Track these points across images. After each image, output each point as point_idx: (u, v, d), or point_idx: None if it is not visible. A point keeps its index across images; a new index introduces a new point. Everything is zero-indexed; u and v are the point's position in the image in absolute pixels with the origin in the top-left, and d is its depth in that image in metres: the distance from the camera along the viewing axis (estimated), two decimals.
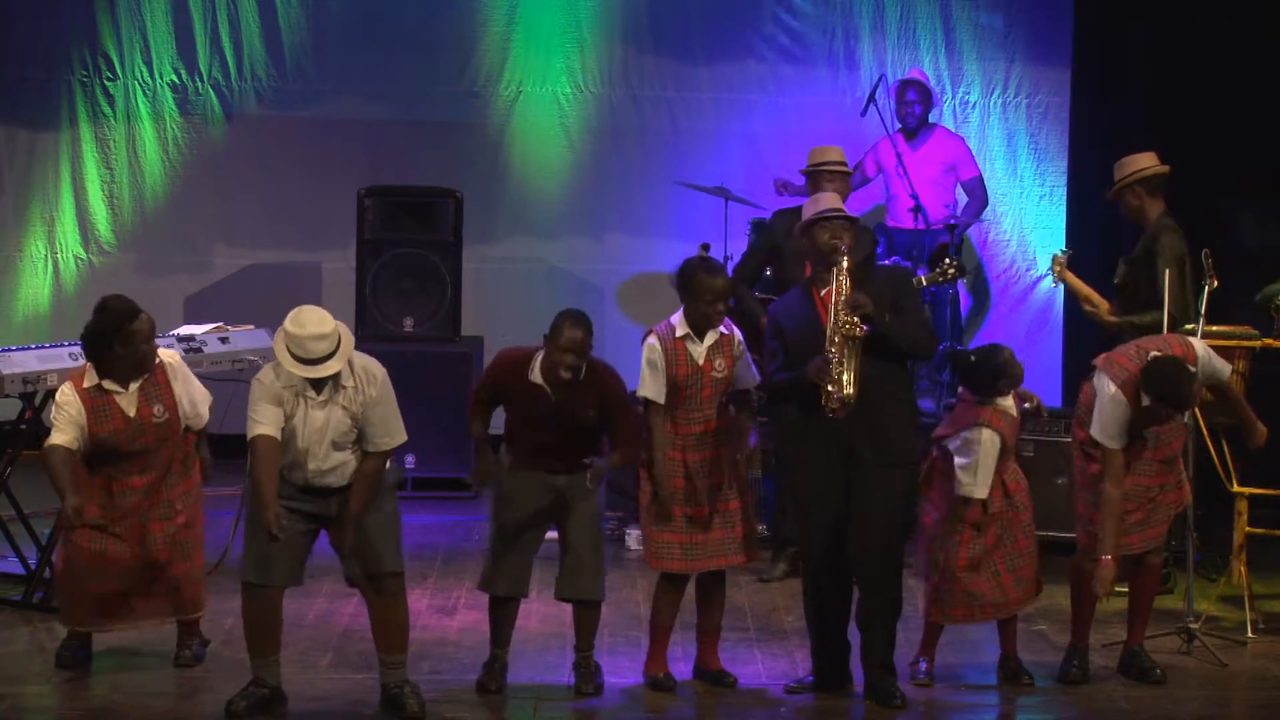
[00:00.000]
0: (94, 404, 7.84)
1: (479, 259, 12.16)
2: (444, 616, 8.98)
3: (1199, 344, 8.06)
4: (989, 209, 12.04)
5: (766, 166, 12.02)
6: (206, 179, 12.39)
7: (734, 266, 10.35)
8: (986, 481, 7.92)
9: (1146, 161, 9.27)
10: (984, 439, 7.92)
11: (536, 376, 7.71)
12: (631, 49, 12.38)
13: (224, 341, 9.52)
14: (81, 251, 12.39)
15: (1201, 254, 8.69)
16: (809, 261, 7.97)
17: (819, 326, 7.62)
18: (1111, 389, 7.89)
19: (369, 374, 7.49)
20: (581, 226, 12.49)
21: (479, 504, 10.91)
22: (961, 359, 8.37)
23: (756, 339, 8.45)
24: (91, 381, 7.86)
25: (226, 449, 8.43)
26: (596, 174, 12.43)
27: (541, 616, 8.64)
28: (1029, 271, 12.38)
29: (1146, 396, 7.82)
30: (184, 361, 8.16)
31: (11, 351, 8.91)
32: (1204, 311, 8.58)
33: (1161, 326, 8.63)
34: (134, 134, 12.34)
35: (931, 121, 11.99)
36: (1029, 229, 12.39)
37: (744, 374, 7.98)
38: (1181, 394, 7.80)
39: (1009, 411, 8.02)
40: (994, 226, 12.35)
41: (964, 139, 12.06)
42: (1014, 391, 8.06)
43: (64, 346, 8.92)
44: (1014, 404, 8.07)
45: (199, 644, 8.19)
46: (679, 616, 8.15)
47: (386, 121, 12.36)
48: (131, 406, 7.89)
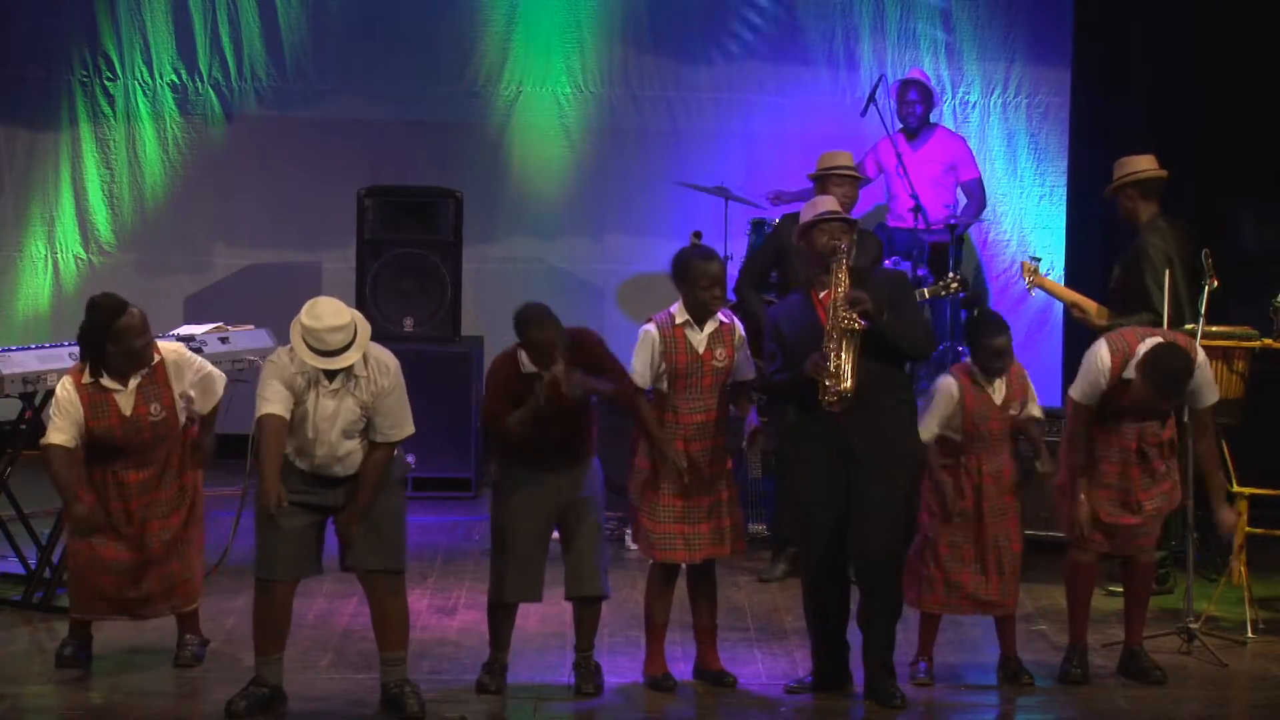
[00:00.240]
0: (91, 400, 7.84)
1: (479, 259, 12.17)
2: (444, 616, 8.97)
3: (1204, 360, 8.08)
4: (989, 209, 12.04)
5: (766, 166, 12.02)
6: (206, 179, 12.39)
7: (739, 268, 10.34)
8: (930, 426, 7.96)
9: (1144, 164, 9.27)
10: (942, 384, 8.02)
11: (528, 367, 7.73)
12: (631, 49, 12.38)
13: (224, 341, 9.51)
14: (81, 251, 12.38)
15: (1202, 254, 8.69)
16: (808, 264, 7.98)
17: (818, 329, 7.62)
18: (1104, 352, 7.98)
19: (382, 365, 7.51)
20: (581, 226, 12.49)
21: (479, 504, 10.91)
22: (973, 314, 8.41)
23: (761, 340, 8.44)
24: (90, 378, 7.87)
25: (227, 449, 8.41)
26: (596, 174, 12.43)
27: (541, 616, 8.64)
28: None
29: (1139, 373, 7.83)
30: (182, 351, 8.09)
31: (11, 351, 8.91)
32: (1204, 311, 8.59)
33: (1153, 327, 8.70)
34: (134, 134, 12.34)
35: (932, 121, 11.99)
36: (1029, 229, 12.38)
37: (743, 365, 7.99)
38: (1171, 382, 7.82)
39: (988, 392, 7.99)
40: (994, 226, 12.35)
41: (965, 139, 12.06)
42: (1039, 460, 8.05)
43: (64, 346, 8.92)
44: (1003, 395, 8.02)
45: (199, 644, 8.19)
46: (678, 617, 8.15)
47: (386, 121, 12.36)
48: (128, 405, 7.88)
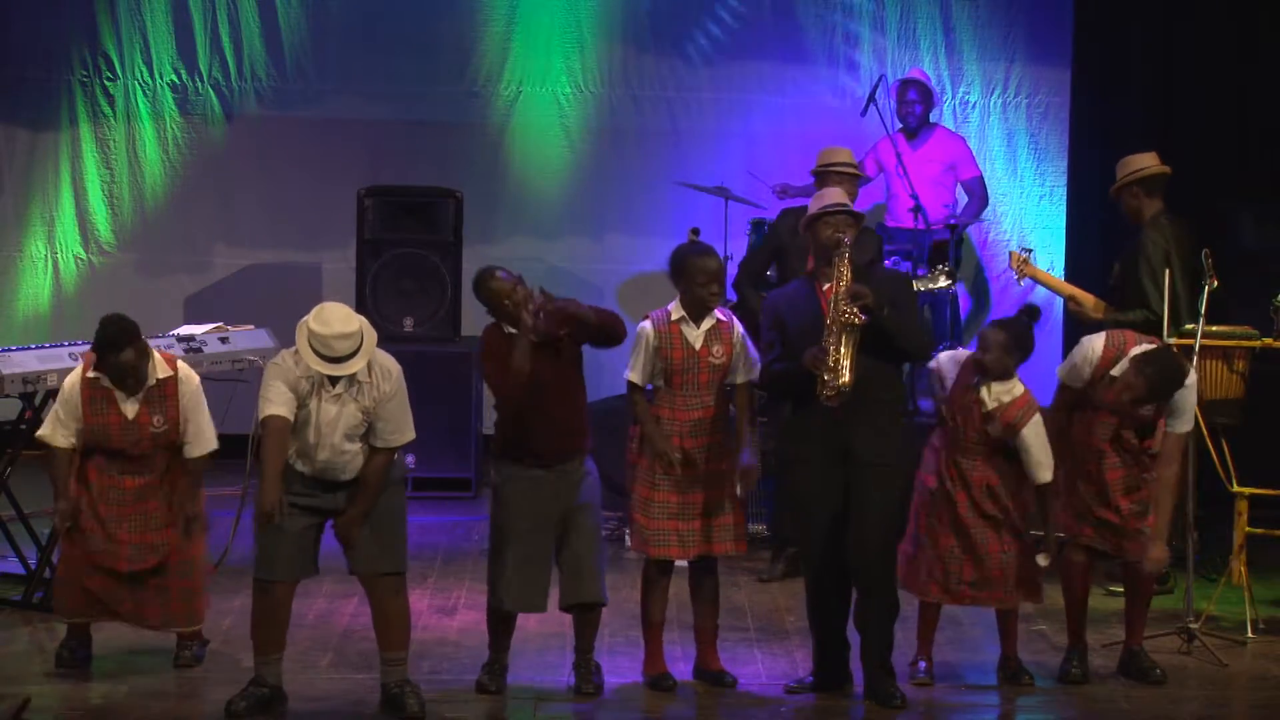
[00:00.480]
0: (93, 394, 7.88)
1: (479, 259, 12.09)
2: (444, 616, 8.97)
3: (1193, 382, 8.03)
4: (989, 209, 12.04)
5: (766, 166, 12.01)
6: (206, 179, 12.39)
7: (738, 265, 10.34)
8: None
9: (1146, 161, 9.28)
10: (941, 355, 8.12)
11: (511, 330, 7.73)
12: (631, 49, 12.37)
13: (224, 341, 9.51)
14: (81, 251, 12.38)
15: (1202, 254, 8.69)
16: (812, 256, 7.97)
17: (821, 322, 7.61)
18: (1099, 343, 8.02)
19: (385, 370, 7.53)
20: (581, 226, 12.49)
21: (479, 504, 10.90)
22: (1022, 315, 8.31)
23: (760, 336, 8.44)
24: (96, 373, 7.90)
25: (226, 450, 8.40)
26: (596, 174, 12.43)
27: (541, 617, 8.58)
28: None
29: (1135, 366, 7.83)
30: (199, 389, 8.07)
31: (11, 351, 8.91)
32: (1204, 311, 8.59)
33: (1148, 324, 8.77)
34: (134, 134, 12.34)
35: (932, 121, 11.98)
36: (1029, 229, 12.38)
37: (745, 364, 7.97)
38: (1163, 380, 7.82)
39: (977, 392, 7.97)
40: (994, 226, 12.35)
41: (964, 139, 12.06)
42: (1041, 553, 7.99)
43: (64, 346, 8.92)
44: (991, 406, 7.99)
45: (199, 644, 8.18)
46: (678, 617, 8.14)
47: (386, 121, 12.36)
48: (131, 409, 7.89)
